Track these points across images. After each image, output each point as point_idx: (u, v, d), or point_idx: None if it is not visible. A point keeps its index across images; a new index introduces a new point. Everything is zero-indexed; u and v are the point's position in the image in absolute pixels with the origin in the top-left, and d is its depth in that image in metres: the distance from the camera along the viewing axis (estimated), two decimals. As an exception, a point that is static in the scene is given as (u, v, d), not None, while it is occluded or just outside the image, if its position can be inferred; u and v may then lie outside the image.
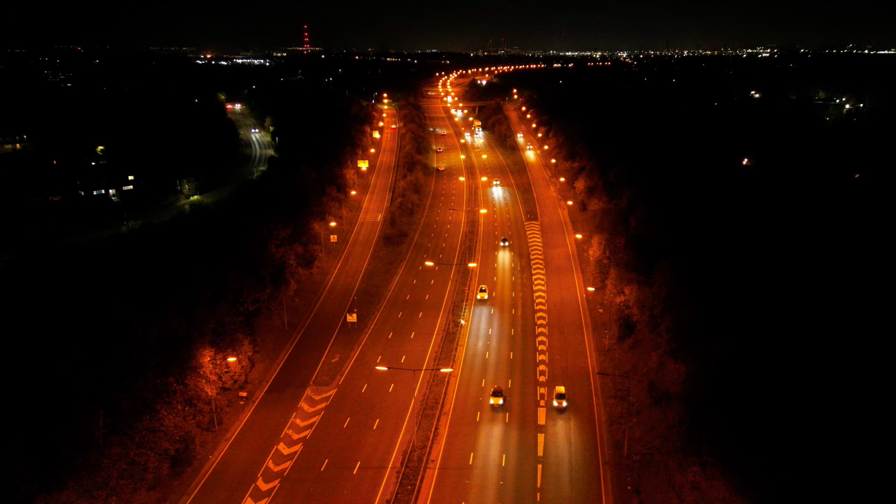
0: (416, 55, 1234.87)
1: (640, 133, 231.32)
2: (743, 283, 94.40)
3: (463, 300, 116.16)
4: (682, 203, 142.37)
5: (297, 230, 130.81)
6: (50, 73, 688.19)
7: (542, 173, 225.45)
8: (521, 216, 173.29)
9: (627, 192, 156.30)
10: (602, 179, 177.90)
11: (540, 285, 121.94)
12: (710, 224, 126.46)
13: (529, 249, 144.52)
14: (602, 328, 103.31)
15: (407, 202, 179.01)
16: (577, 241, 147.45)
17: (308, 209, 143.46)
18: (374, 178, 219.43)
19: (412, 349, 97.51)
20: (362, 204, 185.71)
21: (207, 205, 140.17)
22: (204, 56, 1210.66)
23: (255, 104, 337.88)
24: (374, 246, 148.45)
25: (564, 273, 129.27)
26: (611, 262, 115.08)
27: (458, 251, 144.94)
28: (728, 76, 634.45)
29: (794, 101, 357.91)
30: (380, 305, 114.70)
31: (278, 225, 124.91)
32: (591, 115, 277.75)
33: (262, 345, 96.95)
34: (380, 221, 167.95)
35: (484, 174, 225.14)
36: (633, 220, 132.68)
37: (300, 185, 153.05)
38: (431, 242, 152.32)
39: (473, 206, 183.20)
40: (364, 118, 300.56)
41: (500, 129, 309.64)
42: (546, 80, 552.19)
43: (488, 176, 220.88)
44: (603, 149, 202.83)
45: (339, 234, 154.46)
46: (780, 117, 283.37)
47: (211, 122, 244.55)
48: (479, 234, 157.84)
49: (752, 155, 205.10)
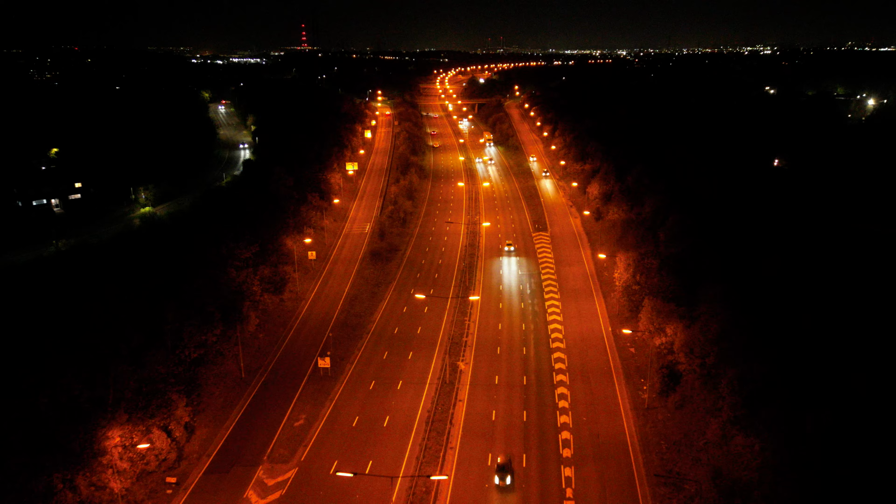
0: (415, 54, 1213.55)
1: (656, 132, 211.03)
2: (822, 320, 74.07)
3: (463, 334, 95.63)
4: (718, 212, 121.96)
5: (266, 248, 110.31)
6: (35, 71, 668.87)
7: (549, 176, 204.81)
8: (528, 226, 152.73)
9: (651, 198, 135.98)
10: (619, 183, 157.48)
11: (555, 314, 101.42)
12: (758, 238, 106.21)
13: (540, 267, 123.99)
14: (636, 374, 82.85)
15: (399, 210, 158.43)
16: (596, 257, 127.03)
17: (282, 221, 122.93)
18: (363, 181, 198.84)
19: (398, 406, 76.99)
20: (349, 212, 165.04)
21: (161, 218, 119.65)
22: (200, 55, 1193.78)
23: (240, 102, 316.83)
24: (360, 264, 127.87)
25: (583, 298, 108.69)
26: (642, 288, 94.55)
27: (457, 269, 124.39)
28: (736, 72, 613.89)
29: (812, 97, 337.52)
30: (361, 342, 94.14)
31: (241, 243, 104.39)
32: (600, 112, 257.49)
33: (207, 401, 76.52)
34: (367, 233, 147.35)
35: (485, 178, 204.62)
36: (663, 234, 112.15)
37: (274, 193, 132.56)
38: (426, 258, 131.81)
39: (474, 215, 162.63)
40: (355, 117, 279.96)
41: (501, 128, 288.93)
42: (548, 77, 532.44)
43: (489, 180, 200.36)
44: (617, 148, 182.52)
45: (320, 248, 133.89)
46: (802, 114, 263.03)
47: (187, 122, 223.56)
48: (480, 247, 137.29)
49: (783, 155, 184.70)
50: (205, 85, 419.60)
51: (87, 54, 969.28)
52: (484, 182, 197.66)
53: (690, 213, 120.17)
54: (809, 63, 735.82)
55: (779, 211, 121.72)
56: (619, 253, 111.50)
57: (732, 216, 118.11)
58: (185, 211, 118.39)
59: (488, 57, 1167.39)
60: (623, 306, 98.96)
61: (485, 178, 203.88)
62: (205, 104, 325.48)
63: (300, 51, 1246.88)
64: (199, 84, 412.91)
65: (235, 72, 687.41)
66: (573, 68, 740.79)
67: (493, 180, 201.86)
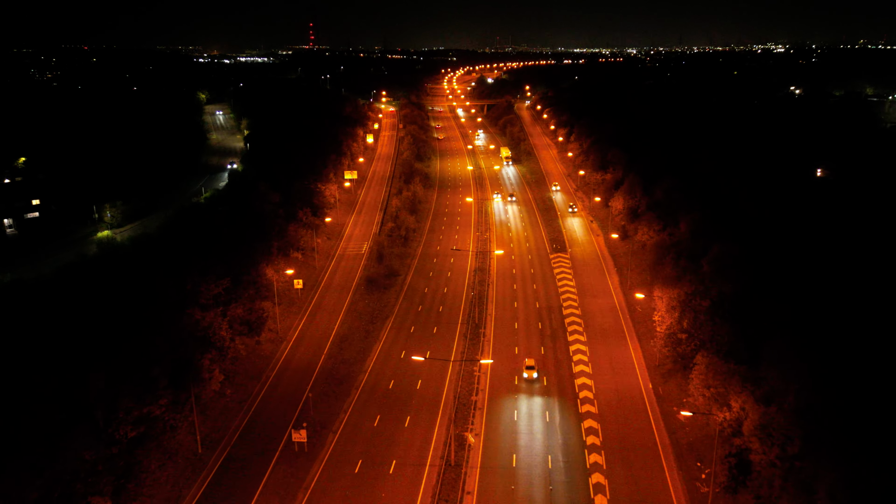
0: (423, 53, 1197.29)
1: (682, 136, 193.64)
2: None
3: (472, 391, 79.10)
4: (769, 236, 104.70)
5: (241, 280, 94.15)
6: (37, 71, 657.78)
7: (565, 186, 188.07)
8: (545, 246, 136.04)
9: (686, 217, 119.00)
10: (647, 197, 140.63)
11: (582, 363, 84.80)
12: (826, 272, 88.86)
13: (561, 299, 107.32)
14: (689, 454, 66.16)
15: (400, 227, 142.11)
16: (625, 287, 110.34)
17: (264, 246, 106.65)
18: (363, 192, 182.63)
19: (389, 498, 60.59)
20: (345, 229, 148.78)
21: (121, 243, 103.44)
22: (208, 55, 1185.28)
23: (235, 104, 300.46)
24: (353, 293, 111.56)
25: (614, 341, 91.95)
26: (691, 337, 77.72)
27: (465, 299, 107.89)
28: (752, 70, 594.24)
29: (841, 98, 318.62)
30: (349, 400, 77.81)
31: (210, 276, 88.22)
32: (619, 115, 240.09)
33: (150, 491, 60.41)
34: (364, 254, 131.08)
35: (495, 186, 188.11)
36: (708, 264, 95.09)
37: (258, 212, 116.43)
38: (429, 285, 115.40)
39: (483, 231, 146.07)
40: (358, 120, 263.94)
41: (511, 131, 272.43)
42: (559, 77, 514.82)
43: (500, 189, 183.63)
44: (642, 157, 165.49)
45: (309, 274, 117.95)
46: (835, 117, 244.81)
47: (174, 127, 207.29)
48: (491, 272, 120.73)
49: (826, 164, 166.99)
50: (205, 85, 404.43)
51: (95, 54, 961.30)
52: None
53: (736, 237, 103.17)
54: (826, 61, 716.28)
55: (841, 235, 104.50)
56: (656, 287, 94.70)
57: (787, 242, 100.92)
58: (152, 234, 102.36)
59: (497, 56, 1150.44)
60: (666, 357, 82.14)
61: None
62: (199, 106, 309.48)
63: (308, 50, 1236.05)
64: (198, 84, 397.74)
65: (240, 71, 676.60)
66: (584, 67, 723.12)
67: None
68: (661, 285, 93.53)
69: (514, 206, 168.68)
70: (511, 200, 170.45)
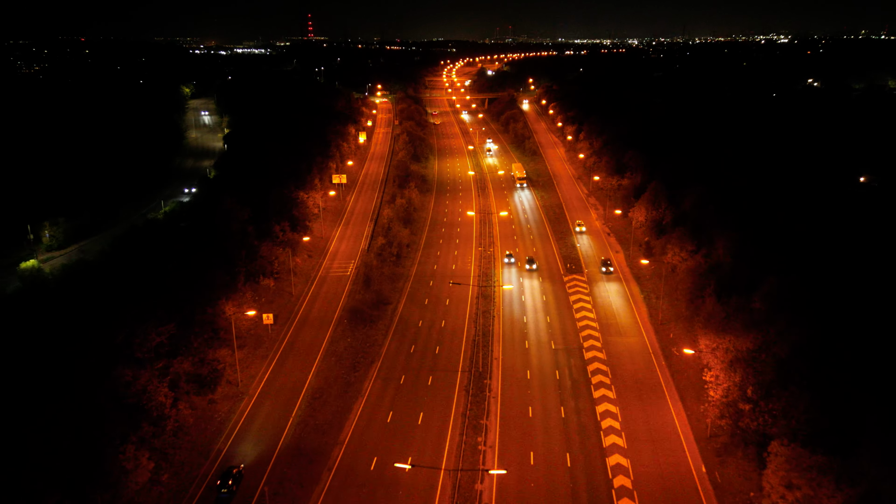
0: (422, 44, 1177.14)
1: (704, 136, 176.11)
2: None
3: (476, 479, 62.01)
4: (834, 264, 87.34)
5: (193, 321, 77.02)
6: (24, 63, 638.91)
7: (576, 192, 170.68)
8: (558, 265, 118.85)
9: (721, 234, 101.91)
10: (673, 208, 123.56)
11: (613, 431, 67.83)
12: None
13: (581, 336, 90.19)
14: (769, 583, 49.09)
15: (392, 242, 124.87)
16: (656, 321, 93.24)
17: (226, 276, 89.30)
18: (353, 198, 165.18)
19: None
20: (330, 243, 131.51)
21: (48, 275, 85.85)
22: (205, 46, 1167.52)
23: (221, 98, 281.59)
24: (334, 328, 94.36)
25: (649, 398, 74.77)
26: (761, 410, 60.44)
27: (466, 337, 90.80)
28: (762, 62, 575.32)
29: (863, 91, 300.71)
30: (318, 488, 60.76)
31: (150, 322, 71.03)
32: (631, 110, 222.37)
33: None
34: (350, 276, 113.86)
35: (498, 192, 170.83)
36: (763, 301, 77.74)
37: (221, 231, 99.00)
38: (425, 318, 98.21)
39: (487, 247, 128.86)
40: (350, 115, 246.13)
41: (515, 128, 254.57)
42: (562, 68, 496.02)
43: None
44: (664, 159, 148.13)
45: (284, 302, 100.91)
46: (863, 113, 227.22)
47: (148, 125, 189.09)
48: (496, 299, 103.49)
49: (869, 169, 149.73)
50: (194, 78, 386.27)
51: (91, 46, 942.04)
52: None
53: (789, 262, 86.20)
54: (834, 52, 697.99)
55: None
56: (697, 327, 77.76)
57: (852, 271, 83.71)
58: (89, 262, 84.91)
59: (497, 47, 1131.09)
60: (720, 428, 64.98)
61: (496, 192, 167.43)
62: (182, 101, 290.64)
63: (306, 41, 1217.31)
64: (186, 77, 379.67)
65: (235, 63, 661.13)
66: (587, 59, 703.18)
67: (507, 193, 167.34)
68: (704, 327, 76.55)
69: (522, 214, 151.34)
70: (531, 269, 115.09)
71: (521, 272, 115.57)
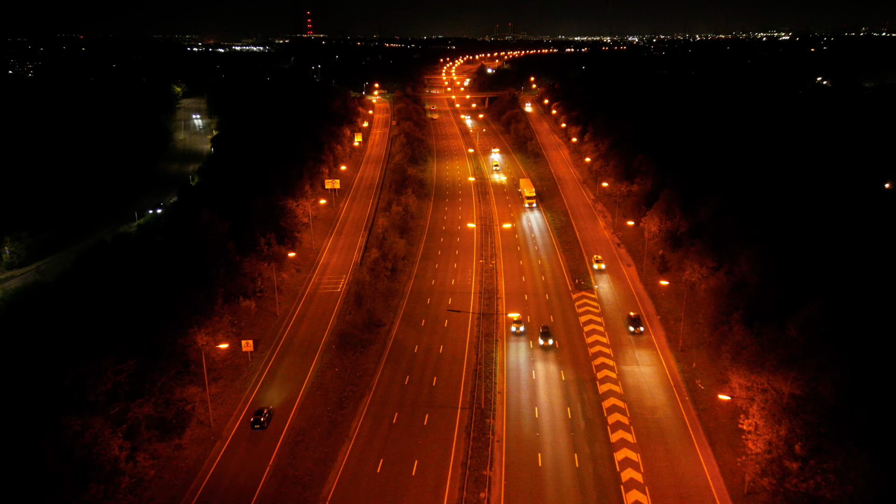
0: (421, 41, 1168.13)
1: (716, 138, 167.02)
2: None
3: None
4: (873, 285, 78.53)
5: (160, 354, 68.40)
6: (17, 62, 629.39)
7: (582, 198, 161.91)
8: (565, 279, 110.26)
9: (745, 249, 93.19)
10: (689, 218, 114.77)
11: (635, 486, 59.28)
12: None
13: (593, 365, 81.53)
14: None
15: (387, 254, 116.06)
16: (674, 345, 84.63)
17: (199, 300, 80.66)
18: (346, 205, 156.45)
19: None
20: (320, 256, 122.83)
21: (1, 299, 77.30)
22: (203, 43, 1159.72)
23: (213, 98, 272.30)
24: (321, 355, 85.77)
25: (674, 442, 66.06)
26: (811, 470, 51.76)
27: (466, 368, 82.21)
28: (766, 60, 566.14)
29: (875, 90, 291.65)
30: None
31: (107, 358, 62.35)
32: (637, 110, 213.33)
33: None
34: (341, 293, 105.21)
35: (500, 201, 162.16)
36: (801, 330, 68.95)
37: (198, 247, 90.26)
38: (421, 342, 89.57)
39: (488, 259, 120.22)
40: (346, 116, 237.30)
41: (517, 129, 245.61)
42: (563, 66, 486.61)
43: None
44: (676, 164, 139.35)
45: (266, 327, 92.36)
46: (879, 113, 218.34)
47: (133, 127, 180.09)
48: (499, 321, 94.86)
49: (892, 173, 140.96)
50: (188, 76, 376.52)
51: (89, 43, 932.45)
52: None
53: (823, 281, 77.62)
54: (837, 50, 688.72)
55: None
56: (728, 365, 69.14)
57: None
58: (47, 284, 76.26)
59: (497, 44, 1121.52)
60: (760, 487, 56.28)
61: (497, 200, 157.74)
62: (172, 101, 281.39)
63: (305, 38, 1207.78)
64: (180, 75, 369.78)
65: (232, 61, 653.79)
66: (588, 56, 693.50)
67: (511, 200, 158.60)
68: (734, 360, 68.12)
69: (527, 223, 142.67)
70: (549, 344, 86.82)
71: (525, 281, 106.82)
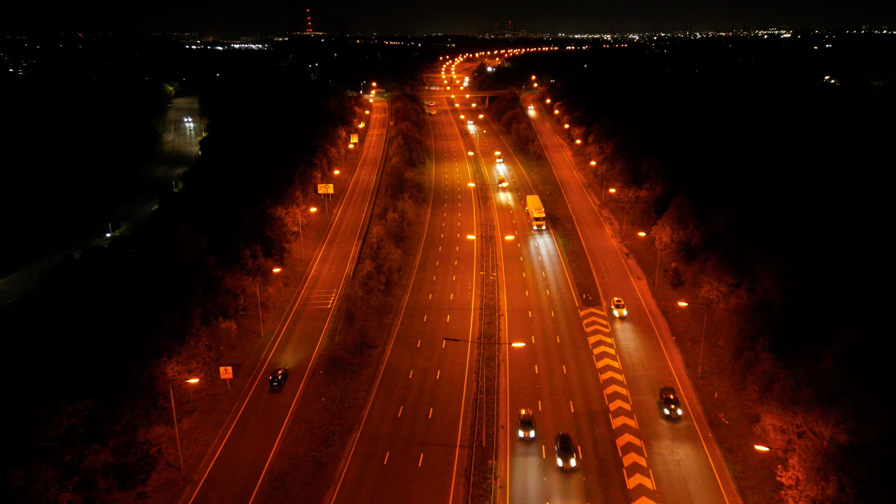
0: (420, 39, 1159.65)
1: (727, 140, 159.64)
2: None
3: None
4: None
5: (123, 390, 61.23)
6: (10, 60, 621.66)
7: (587, 202, 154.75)
8: (572, 295, 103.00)
9: (765, 263, 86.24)
10: (703, 227, 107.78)
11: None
12: None
13: (605, 394, 74.33)
14: None
15: (382, 265, 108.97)
16: (695, 378, 77.38)
17: (173, 325, 73.45)
18: (340, 211, 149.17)
19: None
20: (310, 267, 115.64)
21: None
22: (202, 41, 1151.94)
23: (205, 97, 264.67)
24: (306, 382, 78.57)
25: (699, 491, 58.91)
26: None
27: (466, 398, 75.08)
28: (769, 58, 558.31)
29: (885, 89, 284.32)
30: None
31: (59, 398, 55.24)
32: (642, 110, 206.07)
33: None
34: (331, 310, 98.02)
35: (503, 216, 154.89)
36: (836, 362, 61.83)
37: (174, 264, 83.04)
38: (417, 366, 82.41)
39: (490, 271, 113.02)
40: (342, 116, 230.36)
41: (518, 129, 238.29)
42: (565, 64, 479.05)
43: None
44: (687, 168, 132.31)
45: (248, 349, 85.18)
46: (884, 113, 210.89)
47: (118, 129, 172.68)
48: (502, 346, 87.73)
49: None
50: (183, 74, 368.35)
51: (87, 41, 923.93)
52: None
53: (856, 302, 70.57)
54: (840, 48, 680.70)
55: None
56: (757, 401, 62.10)
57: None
58: (4, 307, 69.17)
59: (497, 42, 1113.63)
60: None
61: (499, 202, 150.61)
62: (163, 100, 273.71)
63: (304, 36, 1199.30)
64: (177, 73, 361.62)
65: (230, 59, 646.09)
66: (589, 54, 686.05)
67: (513, 204, 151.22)
68: (763, 395, 61.12)
69: (529, 233, 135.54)
70: (571, 466, 63.31)
71: (529, 296, 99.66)
